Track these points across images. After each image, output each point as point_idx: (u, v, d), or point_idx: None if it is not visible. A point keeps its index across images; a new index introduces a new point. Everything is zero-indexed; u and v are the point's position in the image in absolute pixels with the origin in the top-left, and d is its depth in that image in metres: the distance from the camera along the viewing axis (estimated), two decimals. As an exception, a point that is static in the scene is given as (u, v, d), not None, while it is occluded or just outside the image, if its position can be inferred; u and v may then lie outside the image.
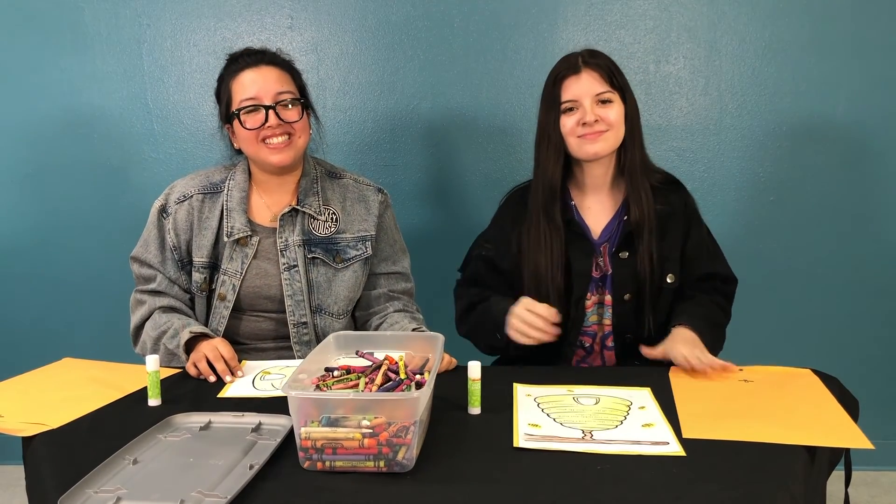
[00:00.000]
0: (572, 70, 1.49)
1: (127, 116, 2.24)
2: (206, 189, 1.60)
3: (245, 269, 1.55)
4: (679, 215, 1.56)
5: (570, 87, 1.49)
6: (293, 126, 1.53)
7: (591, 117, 1.47)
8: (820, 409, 1.16)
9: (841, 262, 2.20)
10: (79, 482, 0.90)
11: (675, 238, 1.55)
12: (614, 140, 1.51)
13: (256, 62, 1.54)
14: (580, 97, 1.48)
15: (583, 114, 1.48)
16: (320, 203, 1.60)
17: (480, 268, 1.63)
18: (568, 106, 1.50)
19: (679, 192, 1.58)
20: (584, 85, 1.48)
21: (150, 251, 1.58)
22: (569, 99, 1.49)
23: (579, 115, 1.49)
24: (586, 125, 1.48)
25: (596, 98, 1.48)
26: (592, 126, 1.48)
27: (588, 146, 1.50)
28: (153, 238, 1.59)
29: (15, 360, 1.65)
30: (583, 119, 1.48)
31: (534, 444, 1.03)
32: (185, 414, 1.14)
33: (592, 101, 1.48)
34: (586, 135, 1.49)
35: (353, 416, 0.95)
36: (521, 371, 1.39)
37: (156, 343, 1.52)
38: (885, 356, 2.25)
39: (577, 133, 1.49)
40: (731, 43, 2.12)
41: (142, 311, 1.57)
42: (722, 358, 1.39)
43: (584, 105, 1.48)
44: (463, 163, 2.22)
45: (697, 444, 1.03)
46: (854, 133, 2.14)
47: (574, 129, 1.49)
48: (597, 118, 1.48)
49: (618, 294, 1.54)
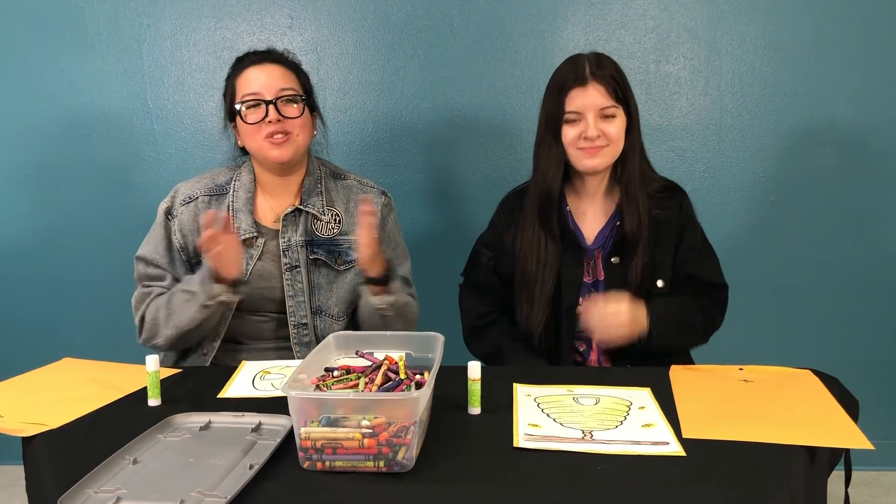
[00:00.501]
0: (580, 82, 1.47)
1: (127, 116, 2.24)
2: (212, 191, 1.60)
3: (249, 271, 1.55)
4: (673, 220, 1.56)
5: (576, 99, 1.47)
6: (293, 122, 1.53)
7: (593, 132, 1.46)
8: (820, 410, 1.16)
9: (841, 262, 2.20)
10: (79, 482, 0.90)
11: (668, 244, 1.55)
12: (612, 155, 1.51)
13: (261, 60, 1.56)
14: (585, 110, 1.47)
15: (585, 127, 1.47)
16: (324, 203, 1.60)
17: (482, 274, 1.65)
18: (572, 117, 1.49)
19: (676, 198, 1.58)
20: (590, 98, 1.47)
21: (159, 252, 1.57)
22: (573, 110, 1.48)
23: (582, 128, 1.48)
24: (588, 139, 1.47)
25: (600, 112, 1.47)
26: (594, 141, 1.47)
27: (587, 160, 1.50)
28: (161, 239, 1.58)
29: (15, 360, 1.64)
30: (585, 133, 1.47)
31: (534, 444, 1.03)
32: (185, 414, 1.14)
33: (596, 115, 1.47)
34: (586, 148, 1.48)
35: (353, 416, 0.95)
36: (521, 371, 1.39)
37: (168, 305, 1.50)
38: (885, 356, 2.25)
39: (577, 145, 1.49)
40: (731, 43, 2.12)
41: (148, 300, 1.55)
42: (722, 358, 1.40)
43: (587, 118, 1.47)
44: (463, 163, 2.22)
45: (697, 444, 1.03)
46: (854, 133, 2.14)
47: (575, 140, 1.49)
48: (599, 133, 1.47)
49: None
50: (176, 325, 1.50)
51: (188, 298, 1.48)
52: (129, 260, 1.61)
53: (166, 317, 1.51)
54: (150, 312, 1.53)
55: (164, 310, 1.51)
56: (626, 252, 1.53)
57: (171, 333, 1.51)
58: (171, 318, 1.50)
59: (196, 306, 1.47)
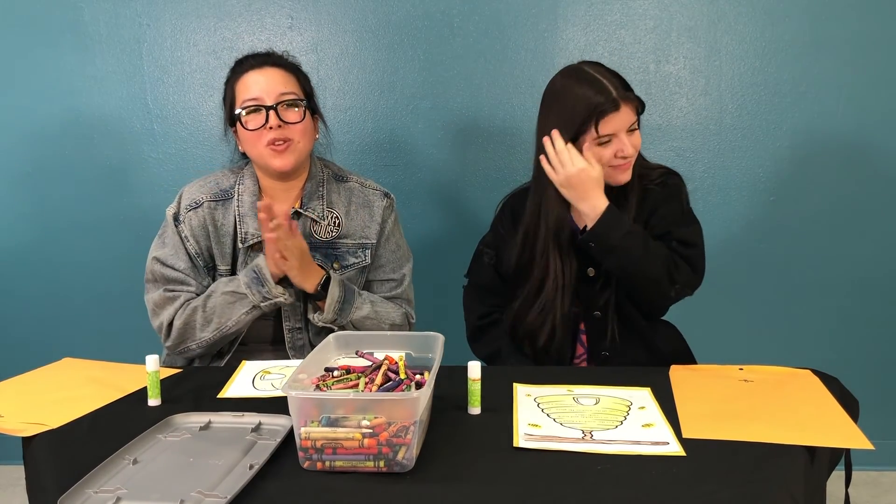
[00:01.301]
0: (612, 106, 1.44)
1: (127, 116, 2.23)
2: (217, 196, 1.58)
3: None
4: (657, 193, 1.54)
5: (611, 123, 1.45)
6: (294, 128, 1.51)
7: (630, 150, 1.46)
8: (820, 410, 1.16)
9: (841, 262, 2.20)
10: (79, 482, 0.90)
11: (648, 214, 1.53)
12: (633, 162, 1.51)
13: (261, 64, 1.54)
14: (618, 132, 1.46)
15: (620, 145, 1.46)
16: (324, 206, 1.60)
17: (484, 275, 1.65)
18: (605, 140, 1.47)
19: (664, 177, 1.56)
20: (622, 120, 1.45)
21: (180, 257, 1.55)
22: (608, 133, 1.46)
23: (616, 147, 1.46)
24: (625, 157, 1.47)
25: (629, 129, 1.47)
26: (629, 158, 1.48)
27: (621, 175, 1.49)
28: (178, 244, 1.55)
29: (15, 360, 1.64)
30: (622, 152, 1.46)
31: (534, 444, 1.03)
32: (185, 414, 1.14)
33: (626, 133, 1.47)
34: (621, 165, 1.48)
35: (353, 416, 0.95)
36: (521, 371, 1.39)
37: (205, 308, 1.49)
38: (885, 356, 2.25)
39: (612, 163, 1.48)
40: (731, 43, 2.12)
41: (176, 304, 1.52)
42: (722, 358, 1.40)
43: (621, 138, 1.46)
44: (463, 163, 2.22)
45: (697, 444, 1.03)
46: (854, 133, 2.14)
47: (611, 159, 1.48)
48: (634, 149, 1.47)
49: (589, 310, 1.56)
50: (218, 329, 1.49)
51: (233, 301, 1.47)
52: (129, 259, 1.62)
53: (204, 320, 1.49)
54: (182, 318, 1.50)
55: (201, 313, 1.49)
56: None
57: (210, 337, 1.50)
58: (212, 321, 1.49)
59: (246, 307, 1.47)
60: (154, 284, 1.56)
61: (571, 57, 2.12)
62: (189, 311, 1.50)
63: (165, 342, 1.55)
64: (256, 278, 1.45)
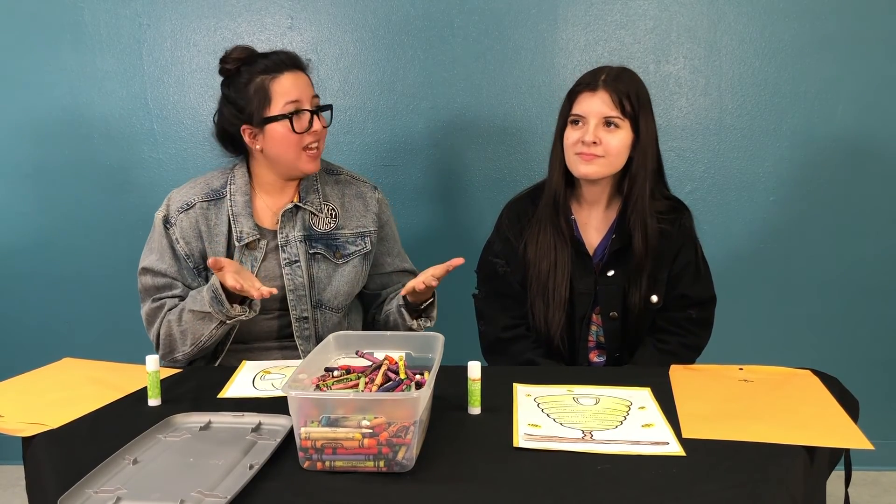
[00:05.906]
0: (590, 87, 1.47)
1: (127, 116, 2.23)
2: (209, 196, 1.58)
3: (255, 273, 1.55)
4: (674, 237, 1.55)
5: (582, 102, 1.48)
6: (324, 132, 1.55)
7: (590, 137, 1.46)
8: (820, 410, 1.16)
9: (841, 262, 2.20)
10: (79, 482, 0.90)
11: (666, 260, 1.54)
12: (607, 168, 1.49)
13: (292, 66, 1.52)
14: (588, 115, 1.47)
15: (584, 132, 1.47)
16: (320, 199, 1.61)
17: (500, 285, 1.63)
18: (574, 119, 1.49)
19: (677, 216, 1.57)
20: (595, 104, 1.46)
21: (165, 260, 1.55)
22: (577, 113, 1.48)
23: (581, 133, 1.47)
24: (584, 144, 1.47)
25: (603, 120, 1.47)
26: (590, 147, 1.46)
27: (581, 166, 1.49)
28: (165, 247, 1.55)
29: (15, 360, 1.65)
30: (583, 137, 1.47)
31: (534, 444, 1.03)
32: (185, 414, 1.14)
33: (599, 121, 1.46)
34: (583, 154, 1.48)
35: (353, 416, 0.95)
36: (521, 371, 1.39)
37: (180, 323, 1.48)
38: (885, 356, 2.25)
39: (575, 149, 1.49)
40: (731, 43, 2.12)
41: (161, 314, 1.53)
42: (722, 358, 1.40)
43: (589, 123, 1.47)
44: (463, 163, 2.22)
45: (697, 444, 1.03)
46: (854, 133, 2.14)
47: (574, 144, 1.48)
48: (596, 140, 1.46)
49: (605, 312, 1.55)
50: (195, 343, 1.49)
51: (202, 317, 1.47)
52: (129, 259, 1.61)
53: (181, 335, 1.50)
54: (164, 329, 1.51)
55: (177, 327, 1.50)
56: (620, 266, 1.53)
57: (189, 350, 1.51)
58: (188, 336, 1.50)
59: (215, 323, 1.47)
60: (145, 296, 1.57)
61: (571, 57, 2.13)
62: (167, 326, 1.51)
63: (157, 352, 1.56)
64: (215, 298, 1.45)
